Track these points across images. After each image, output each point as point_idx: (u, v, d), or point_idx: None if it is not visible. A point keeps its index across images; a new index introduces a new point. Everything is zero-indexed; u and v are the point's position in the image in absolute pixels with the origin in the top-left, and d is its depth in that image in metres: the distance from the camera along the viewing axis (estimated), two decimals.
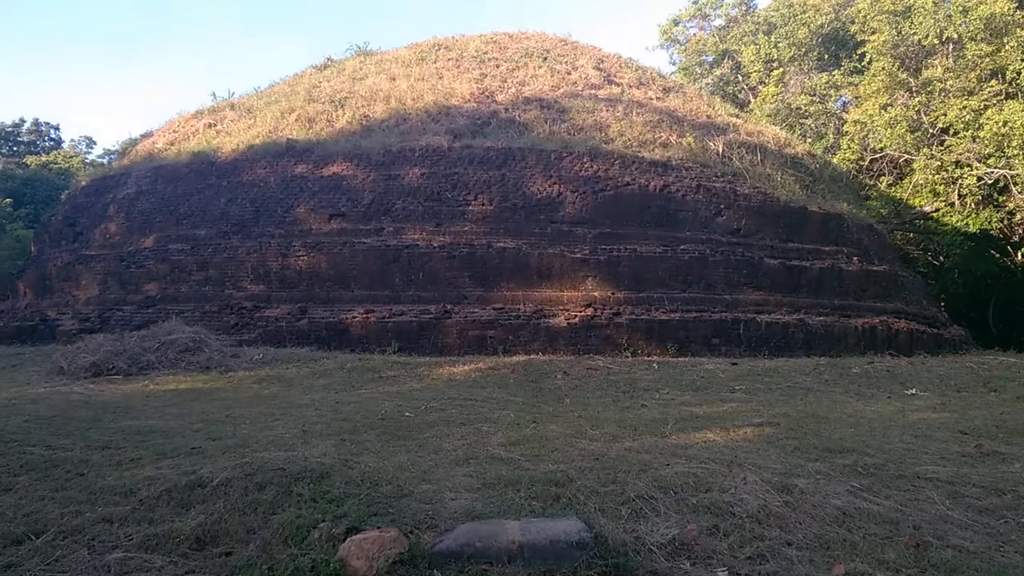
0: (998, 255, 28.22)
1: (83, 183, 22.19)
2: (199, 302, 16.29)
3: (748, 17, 35.87)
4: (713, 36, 37.57)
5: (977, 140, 23.42)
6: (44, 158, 41.98)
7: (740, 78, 36.39)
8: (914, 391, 12.58)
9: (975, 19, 23.29)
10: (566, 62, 23.48)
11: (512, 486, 5.49)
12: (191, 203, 18.15)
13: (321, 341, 15.06)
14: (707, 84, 35.77)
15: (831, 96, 30.66)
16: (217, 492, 5.26)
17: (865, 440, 7.50)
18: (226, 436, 7.36)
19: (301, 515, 4.83)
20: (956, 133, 24.37)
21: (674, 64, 40.41)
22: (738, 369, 13.89)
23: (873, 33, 26.04)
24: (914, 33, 24.47)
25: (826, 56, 31.96)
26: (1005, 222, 25.98)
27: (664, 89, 23.96)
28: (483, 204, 16.99)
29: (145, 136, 23.47)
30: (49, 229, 20.87)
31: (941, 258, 29.73)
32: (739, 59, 35.36)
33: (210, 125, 21.16)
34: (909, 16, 24.90)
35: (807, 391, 12.35)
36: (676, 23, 39.88)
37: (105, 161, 36.43)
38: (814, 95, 30.29)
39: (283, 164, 18.10)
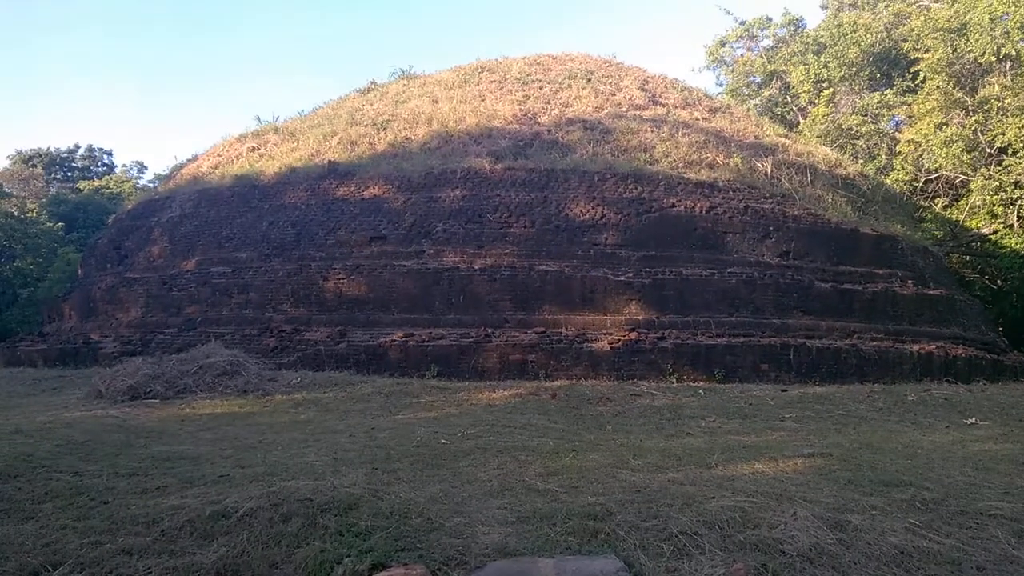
0: None
1: (129, 206, 22.54)
2: (239, 325, 16.27)
3: (797, 37, 35.33)
4: (761, 57, 37.07)
5: None
6: (97, 183, 42.94)
7: (789, 99, 35.76)
8: (974, 420, 12.05)
9: None
10: (610, 83, 23.25)
11: (548, 520, 5.25)
12: (233, 226, 18.24)
13: (360, 365, 14.90)
14: (755, 105, 35.19)
15: (883, 116, 29.91)
16: (241, 523, 5.11)
17: (923, 473, 7.16)
18: (256, 463, 7.22)
19: (326, 549, 4.67)
20: (1015, 153, 23.55)
21: (721, 85, 40.09)
22: (787, 396, 13.44)
23: (927, 51, 25.39)
24: (970, 51, 23.79)
25: (878, 75, 31.22)
26: None
27: (711, 109, 23.58)
28: (525, 226, 16.75)
29: (191, 160, 23.76)
30: (95, 252, 21.19)
31: (999, 282, 28.70)
32: (788, 80, 34.76)
33: (254, 148, 21.32)
34: (964, 34, 24.22)
35: (860, 420, 11.90)
36: (723, 44, 39.50)
37: (154, 185, 37.12)
38: (866, 115, 29.57)
39: (324, 186, 18.11)
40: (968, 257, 28.77)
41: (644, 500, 5.72)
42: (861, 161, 27.78)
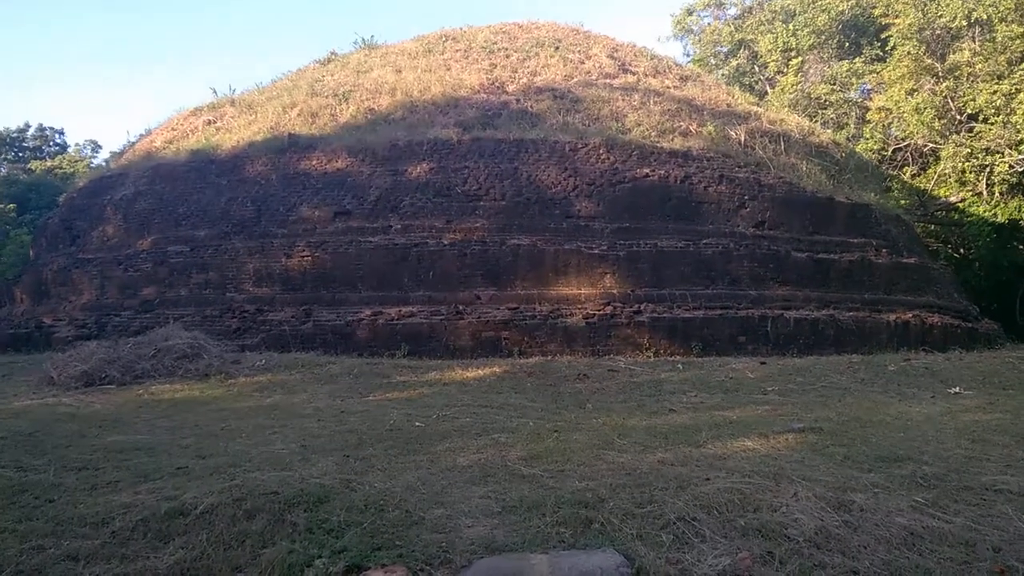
0: (1021, 246, 27.23)
1: (81, 184, 21.61)
2: (199, 306, 15.62)
3: (765, 5, 34.96)
4: (728, 25, 36.57)
5: (1008, 126, 22.51)
6: (49, 163, 41.62)
7: (757, 68, 35.47)
8: (958, 390, 11.92)
9: None
10: (579, 51, 22.71)
11: (536, 509, 4.92)
12: (190, 203, 17.47)
13: (327, 345, 14.42)
14: (723, 75, 34.78)
15: (852, 84, 29.73)
16: (200, 522, 4.71)
17: (918, 446, 6.94)
18: (217, 453, 6.79)
19: (294, 550, 4.28)
20: (986, 119, 23.46)
21: (688, 55, 39.53)
22: (768, 369, 13.23)
23: (897, 16, 25.13)
24: (940, 15, 23.55)
25: (846, 44, 31.00)
26: None
27: (681, 78, 23.17)
28: (495, 199, 16.27)
29: (144, 135, 22.75)
30: (46, 233, 20.30)
31: (961, 250, 28.89)
32: (756, 49, 34.45)
33: (210, 122, 20.47)
34: None
35: (844, 391, 11.71)
36: (690, 12, 38.92)
37: (106, 163, 35.88)
38: (835, 83, 29.37)
39: (285, 160, 17.40)
40: (933, 226, 28.85)
41: (636, 484, 5.44)
42: (830, 131, 27.61)
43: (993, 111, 22.90)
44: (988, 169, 23.87)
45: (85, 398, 10.63)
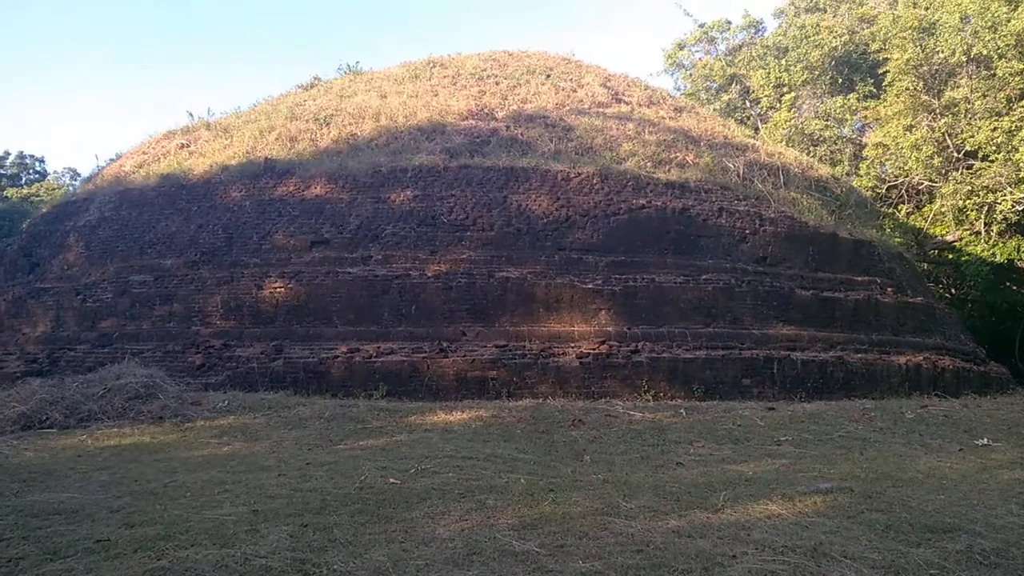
0: (1015, 287, 26.53)
1: (44, 210, 20.47)
2: (161, 340, 14.45)
3: (757, 40, 34.61)
4: (720, 60, 36.25)
5: (1010, 163, 21.92)
6: (26, 190, 40.59)
7: (748, 103, 35.04)
8: (986, 441, 11.12)
9: (1005, 35, 21.95)
10: (571, 79, 21.96)
11: None
12: (157, 230, 16.38)
13: (299, 384, 13.31)
14: (714, 110, 34.35)
15: (846, 120, 29.25)
16: None
17: (964, 512, 6.14)
18: (150, 519, 5.72)
19: None
20: (986, 157, 22.91)
21: (679, 90, 39.04)
22: (777, 416, 12.31)
23: (895, 51, 24.64)
24: (939, 51, 23.09)
25: (839, 80, 30.59)
26: None
27: (675, 109, 22.47)
28: (483, 229, 15.31)
29: (114, 159, 21.70)
30: (4, 261, 19.06)
31: (953, 290, 28.29)
32: (747, 84, 34.06)
33: (183, 146, 19.44)
34: (933, 33, 23.57)
35: (864, 442, 10.83)
36: (681, 47, 38.63)
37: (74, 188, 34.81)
38: (828, 119, 28.88)
39: (260, 186, 16.39)
40: (925, 265, 28.26)
41: (651, 565, 4.60)
42: (826, 166, 27.04)
43: (994, 148, 22.39)
44: (987, 208, 23.27)
45: (18, 444, 9.47)
